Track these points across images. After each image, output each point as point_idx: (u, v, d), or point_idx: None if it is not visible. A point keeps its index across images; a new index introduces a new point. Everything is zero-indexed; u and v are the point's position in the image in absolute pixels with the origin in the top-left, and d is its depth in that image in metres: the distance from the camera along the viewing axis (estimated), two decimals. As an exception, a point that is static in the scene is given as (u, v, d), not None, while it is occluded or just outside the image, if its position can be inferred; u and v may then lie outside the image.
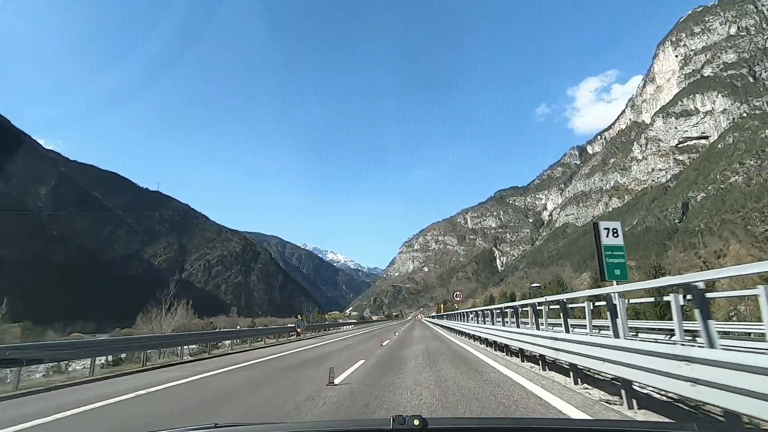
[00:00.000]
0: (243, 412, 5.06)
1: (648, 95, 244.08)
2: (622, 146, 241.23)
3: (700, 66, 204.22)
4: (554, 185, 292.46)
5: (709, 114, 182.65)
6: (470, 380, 6.72)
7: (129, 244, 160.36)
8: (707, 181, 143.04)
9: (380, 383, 6.75)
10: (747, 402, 2.47)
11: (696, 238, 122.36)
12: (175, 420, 4.82)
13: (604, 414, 4.32)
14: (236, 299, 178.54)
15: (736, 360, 2.65)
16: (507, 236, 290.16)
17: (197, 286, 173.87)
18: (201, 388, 7.40)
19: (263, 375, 8.99)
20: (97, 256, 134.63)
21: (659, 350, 3.57)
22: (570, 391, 5.49)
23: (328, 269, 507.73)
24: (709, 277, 3.52)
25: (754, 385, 2.36)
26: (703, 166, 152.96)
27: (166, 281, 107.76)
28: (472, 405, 4.95)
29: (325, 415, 4.62)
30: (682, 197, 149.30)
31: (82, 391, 7.55)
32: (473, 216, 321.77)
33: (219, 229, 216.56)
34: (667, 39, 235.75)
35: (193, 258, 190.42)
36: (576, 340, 5.48)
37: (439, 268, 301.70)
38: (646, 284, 6.59)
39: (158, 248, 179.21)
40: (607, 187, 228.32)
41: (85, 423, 5.13)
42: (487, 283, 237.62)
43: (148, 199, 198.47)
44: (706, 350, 3.07)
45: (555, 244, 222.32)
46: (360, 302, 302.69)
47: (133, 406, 5.92)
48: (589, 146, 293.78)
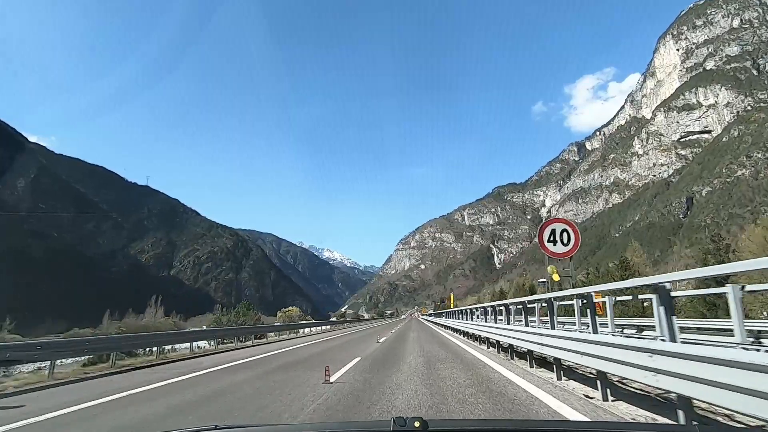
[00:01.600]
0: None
1: (648, 90, 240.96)
2: (622, 142, 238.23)
3: (703, 59, 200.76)
4: (553, 181, 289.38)
5: (713, 107, 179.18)
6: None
7: (114, 239, 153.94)
8: (713, 175, 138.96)
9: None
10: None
11: (702, 232, 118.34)
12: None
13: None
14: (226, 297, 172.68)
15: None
16: (505, 233, 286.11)
17: (186, 283, 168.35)
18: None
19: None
20: (79, 251, 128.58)
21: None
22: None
23: (324, 267, 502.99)
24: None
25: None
26: (708, 160, 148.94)
27: (153, 278, 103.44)
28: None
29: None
30: (686, 192, 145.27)
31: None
32: (470, 213, 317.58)
33: (209, 225, 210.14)
34: (668, 32, 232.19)
35: (182, 254, 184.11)
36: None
37: (436, 265, 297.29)
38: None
39: (146, 244, 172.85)
40: (607, 183, 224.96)
41: None
42: (485, 281, 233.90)
43: (137, 194, 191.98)
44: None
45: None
46: (356, 300, 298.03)
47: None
48: (588, 142, 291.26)
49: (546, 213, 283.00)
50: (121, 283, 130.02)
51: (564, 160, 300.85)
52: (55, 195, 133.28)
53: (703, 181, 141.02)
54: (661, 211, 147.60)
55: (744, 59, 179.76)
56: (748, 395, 2.33)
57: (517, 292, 50.12)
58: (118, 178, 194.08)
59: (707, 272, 4.15)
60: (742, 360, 2.42)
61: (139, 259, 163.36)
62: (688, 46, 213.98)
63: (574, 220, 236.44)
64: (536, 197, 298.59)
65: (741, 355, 2.51)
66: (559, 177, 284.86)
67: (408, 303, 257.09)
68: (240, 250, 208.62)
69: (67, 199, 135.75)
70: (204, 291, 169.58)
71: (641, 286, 5.16)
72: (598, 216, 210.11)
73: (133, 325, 37.06)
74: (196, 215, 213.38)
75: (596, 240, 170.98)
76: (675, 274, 3.59)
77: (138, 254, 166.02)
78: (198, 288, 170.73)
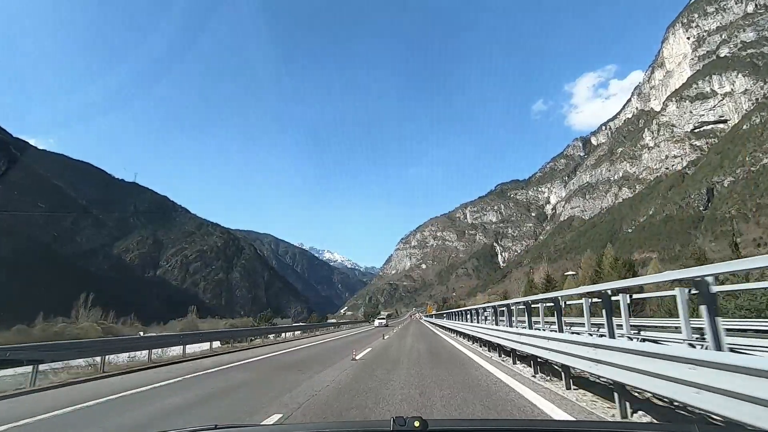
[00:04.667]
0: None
1: (657, 81, 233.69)
2: (630, 135, 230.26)
3: (716, 47, 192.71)
4: (557, 178, 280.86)
5: (729, 95, 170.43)
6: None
7: (93, 237, 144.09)
8: (734, 164, 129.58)
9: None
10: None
11: (727, 225, 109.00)
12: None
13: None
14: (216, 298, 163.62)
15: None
16: (509, 231, 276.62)
17: (173, 284, 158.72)
18: None
19: None
20: (53, 250, 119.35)
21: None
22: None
23: (323, 268, 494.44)
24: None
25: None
26: (728, 149, 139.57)
27: (137, 278, 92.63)
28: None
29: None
30: (705, 183, 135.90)
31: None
32: (473, 210, 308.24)
33: (199, 223, 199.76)
34: (678, 21, 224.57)
35: (169, 253, 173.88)
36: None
37: (437, 265, 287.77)
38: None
39: (131, 243, 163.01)
40: (616, 178, 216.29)
41: None
42: (489, 280, 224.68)
43: (124, 191, 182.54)
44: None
45: (561, 237, 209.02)
46: (355, 301, 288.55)
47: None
48: (593, 137, 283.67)
49: (551, 210, 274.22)
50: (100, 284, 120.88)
51: (569, 155, 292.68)
52: (28, 190, 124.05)
53: (725, 171, 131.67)
54: (679, 204, 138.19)
55: (761, 45, 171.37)
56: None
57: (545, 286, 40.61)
58: (104, 175, 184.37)
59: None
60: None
61: (123, 258, 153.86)
62: (700, 34, 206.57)
63: (581, 216, 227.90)
64: (540, 194, 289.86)
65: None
66: (564, 173, 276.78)
67: (409, 304, 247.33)
68: (231, 249, 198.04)
69: (43, 195, 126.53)
70: (192, 292, 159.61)
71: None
72: (607, 211, 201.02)
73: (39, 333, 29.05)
74: (186, 213, 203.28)
75: (607, 235, 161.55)
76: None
77: (122, 253, 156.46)
78: (185, 289, 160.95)
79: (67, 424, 5.18)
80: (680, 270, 4.01)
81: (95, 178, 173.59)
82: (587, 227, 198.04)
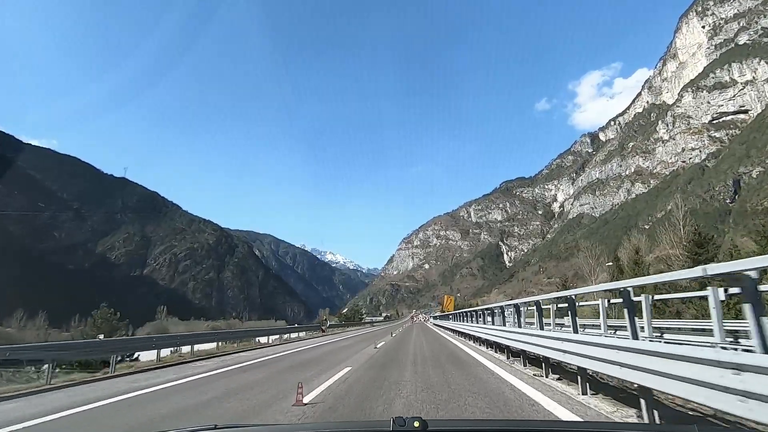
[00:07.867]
0: None
1: (669, 73, 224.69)
2: (642, 129, 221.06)
3: (734, 34, 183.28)
4: (565, 174, 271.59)
5: (750, 83, 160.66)
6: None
7: (74, 233, 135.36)
8: (763, 153, 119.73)
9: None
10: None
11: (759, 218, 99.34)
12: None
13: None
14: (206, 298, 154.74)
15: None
16: (515, 229, 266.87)
17: (161, 283, 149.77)
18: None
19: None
20: (27, 245, 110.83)
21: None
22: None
23: (324, 269, 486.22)
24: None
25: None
26: (754, 138, 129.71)
27: (122, 276, 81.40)
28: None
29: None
30: (730, 174, 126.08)
31: None
32: (477, 209, 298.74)
33: (190, 220, 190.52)
34: (691, 10, 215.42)
35: (157, 252, 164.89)
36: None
37: (441, 264, 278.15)
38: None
39: (116, 240, 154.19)
40: (628, 173, 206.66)
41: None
42: (495, 280, 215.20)
43: (112, 187, 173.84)
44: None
45: (571, 235, 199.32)
46: (356, 302, 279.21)
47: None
48: (602, 133, 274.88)
49: (559, 207, 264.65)
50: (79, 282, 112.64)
51: (576, 152, 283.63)
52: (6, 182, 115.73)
53: (752, 162, 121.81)
54: (702, 197, 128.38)
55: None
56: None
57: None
58: (91, 170, 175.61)
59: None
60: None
61: (107, 255, 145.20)
62: (716, 22, 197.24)
63: (591, 213, 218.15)
64: (547, 191, 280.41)
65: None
66: (572, 170, 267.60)
67: (411, 305, 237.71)
68: (223, 247, 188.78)
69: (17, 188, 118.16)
70: (180, 292, 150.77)
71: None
72: (621, 207, 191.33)
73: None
74: (177, 209, 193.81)
75: (622, 231, 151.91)
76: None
77: (107, 251, 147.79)
78: (174, 288, 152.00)
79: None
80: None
81: (81, 173, 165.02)
82: (599, 224, 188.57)
